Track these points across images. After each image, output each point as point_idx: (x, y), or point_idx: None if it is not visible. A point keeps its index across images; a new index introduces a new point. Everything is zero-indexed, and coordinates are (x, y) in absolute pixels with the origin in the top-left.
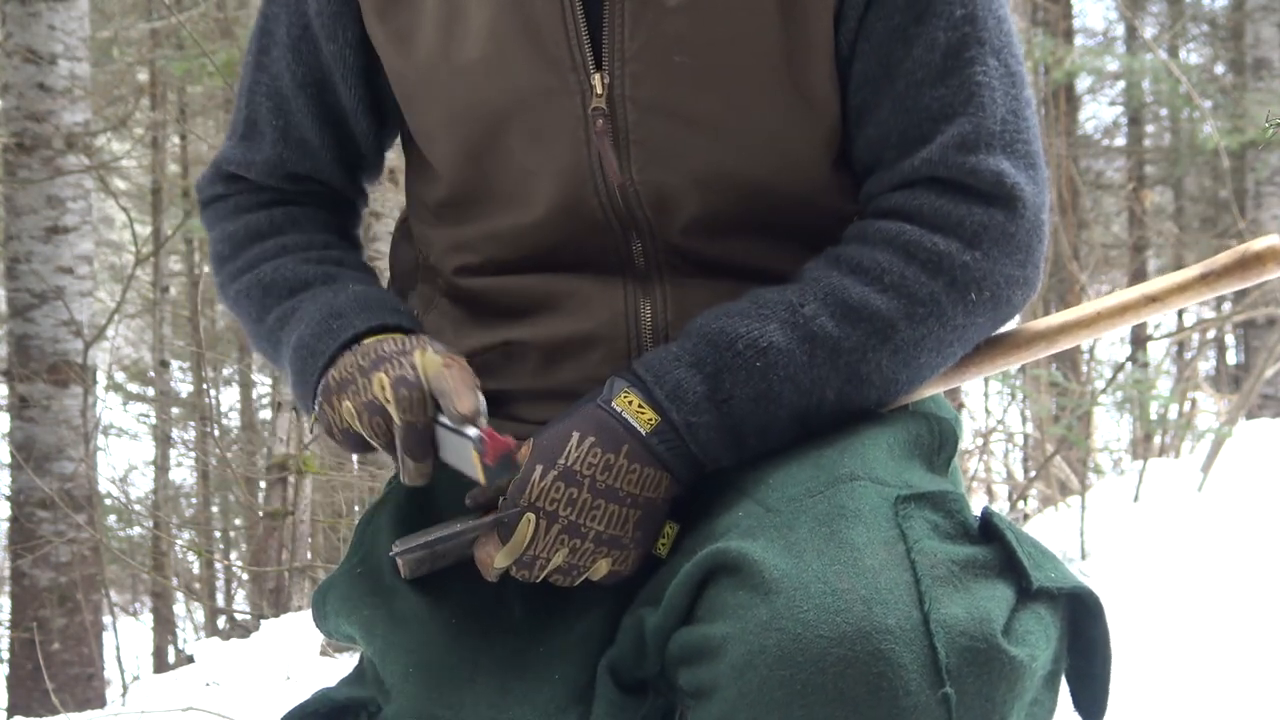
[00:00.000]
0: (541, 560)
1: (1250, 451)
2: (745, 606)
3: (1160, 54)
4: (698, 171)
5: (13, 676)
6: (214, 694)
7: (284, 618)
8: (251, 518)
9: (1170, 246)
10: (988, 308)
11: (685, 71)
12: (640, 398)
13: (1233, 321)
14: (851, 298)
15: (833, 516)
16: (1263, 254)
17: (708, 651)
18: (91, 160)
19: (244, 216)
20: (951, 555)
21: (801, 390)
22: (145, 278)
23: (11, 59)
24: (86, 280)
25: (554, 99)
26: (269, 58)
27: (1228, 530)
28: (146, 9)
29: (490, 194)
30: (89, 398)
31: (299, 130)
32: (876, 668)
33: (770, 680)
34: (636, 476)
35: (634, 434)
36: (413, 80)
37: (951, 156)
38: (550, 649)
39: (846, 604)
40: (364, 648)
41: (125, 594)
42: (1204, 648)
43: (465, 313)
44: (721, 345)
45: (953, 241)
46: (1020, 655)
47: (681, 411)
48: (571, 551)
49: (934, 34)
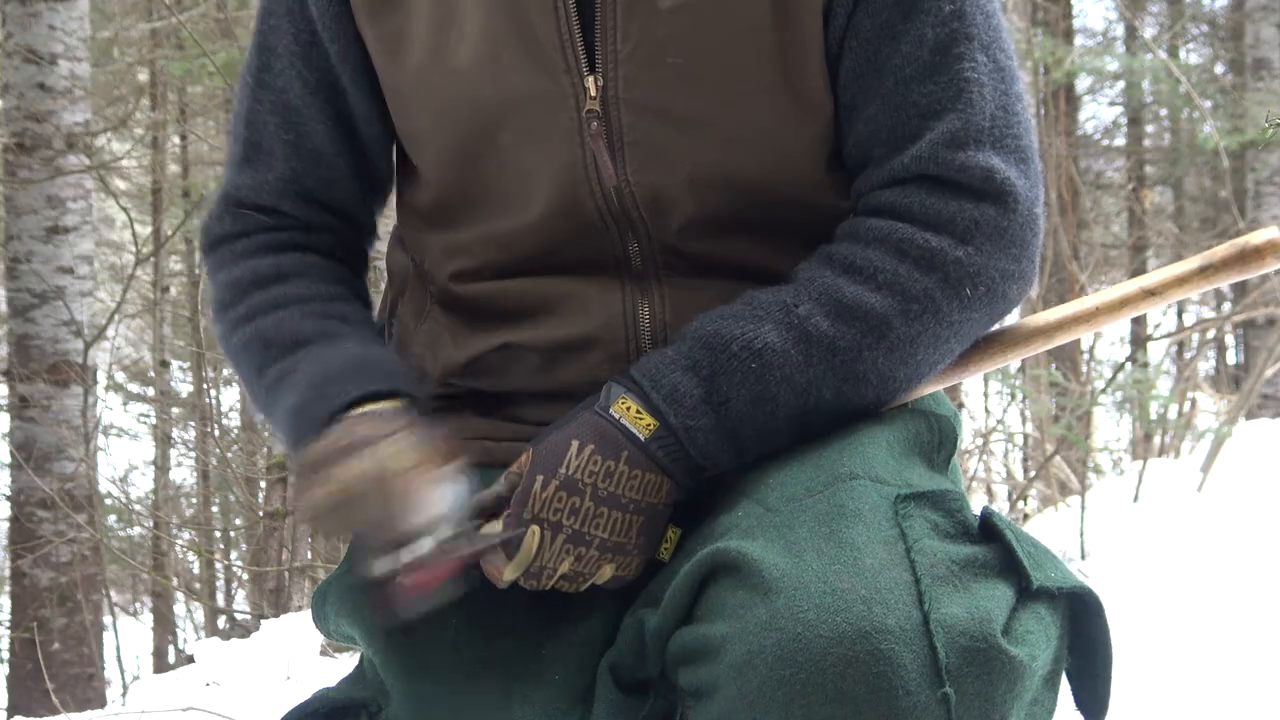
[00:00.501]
0: (549, 570)
1: (1250, 451)
2: (745, 606)
3: (1160, 54)
4: (692, 172)
5: (13, 676)
6: (214, 694)
7: (284, 618)
8: (251, 518)
9: (1170, 246)
10: (983, 303)
11: (678, 73)
12: (638, 403)
13: (1233, 321)
14: (845, 297)
15: (832, 516)
16: (1262, 247)
17: (707, 651)
18: (91, 160)
19: (250, 261)
20: (951, 555)
21: (798, 390)
22: (145, 278)
23: (11, 59)
24: (87, 280)
25: (548, 102)
26: (271, 74)
27: (1228, 530)
28: (146, 9)
29: (484, 197)
30: (89, 398)
31: (311, 140)
32: (876, 668)
33: (770, 680)
34: (638, 482)
35: (633, 440)
36: (404, 84)
37: (941, 153)
38: (551, 651)
39: (846, 604)
40: (365, 648)
41: (125, 594)
42: (1204, 647)
43: (462, 319)
44: (717, 348)
45: (945, 238)
46: (1020, 655)
47: (679, 415)
48: (577, 560)
49: (922, 30)
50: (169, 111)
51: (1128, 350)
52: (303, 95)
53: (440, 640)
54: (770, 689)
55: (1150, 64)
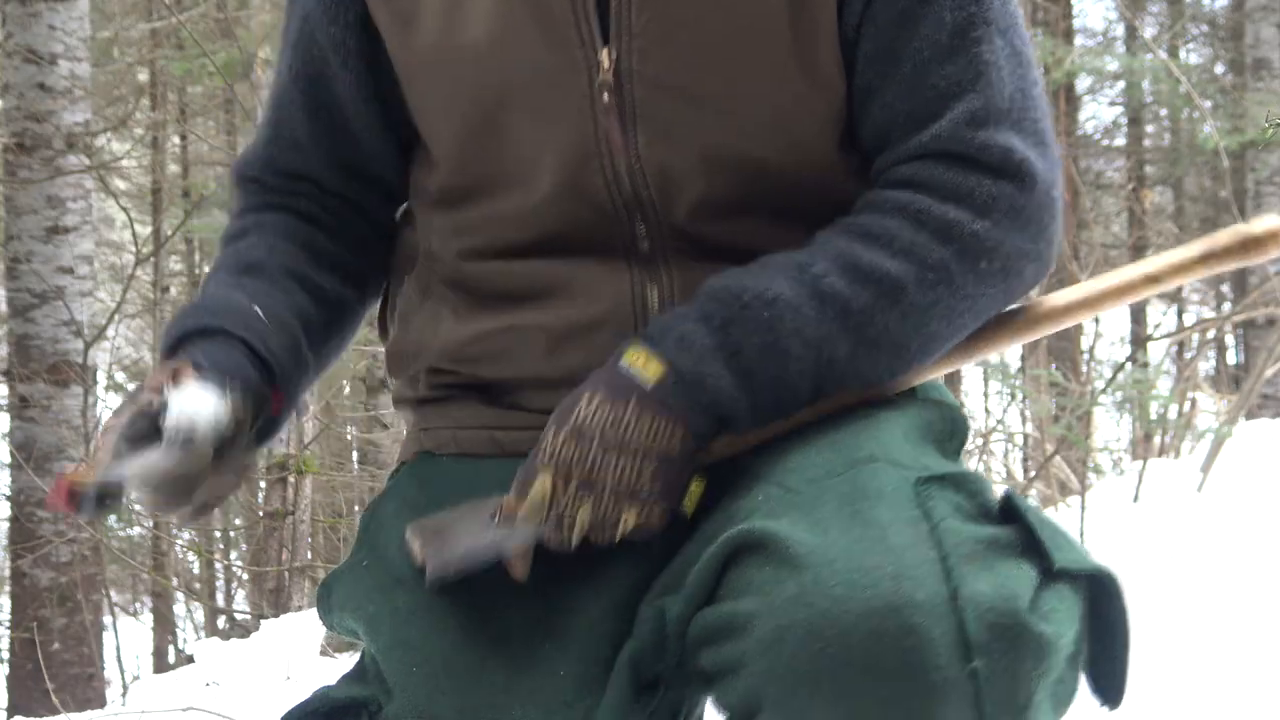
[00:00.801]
0: (568, 519)
1: (1250, 451)
2: (773, 582)
3: (1160, 54)
4: (703, 150)
5: (13, 676)
6: (214, 694)
7: (284, 618)
8: (251, 518)
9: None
10: (998, 279)
11: (692, 48)
12: (648, 351)
13: (1233, 321)
14: (862, 260)
15: (855, 496)
16: (1262, 236)
17: (734, 628)
18: (91, 160)
19: (231, 223)
20: (975, 534)
21: (810, 345)
22: (145, 278)
23: (11, 59)
24: (87, 280)
25: (560, 76)
26: (282, 60)
27: (1228, 530)
28: (146, 9)
29: (493, 177)
30: (89, 398)
31: (288, 125)
32: (907, 642)
33: (800, 654)
34: (646, 428)
35: (639, 386)
36: (415, 62)
37: (961, 131)
38: (556, 644)
39: (874, 579)
40: (367, 644)
41: (125, 594)
42: (1204, 647)
43: (467, 298)
44: (727, 299)
45: (963, 211)
46: (1048, 631)
47: (688, 361)
48: (595, 506)
49: (940, 14)
50: (169, 111)
51: (1128, 350)
52: (287, 81)
53: (444, 636)
54: (800, 663)
55: (1150, 64)
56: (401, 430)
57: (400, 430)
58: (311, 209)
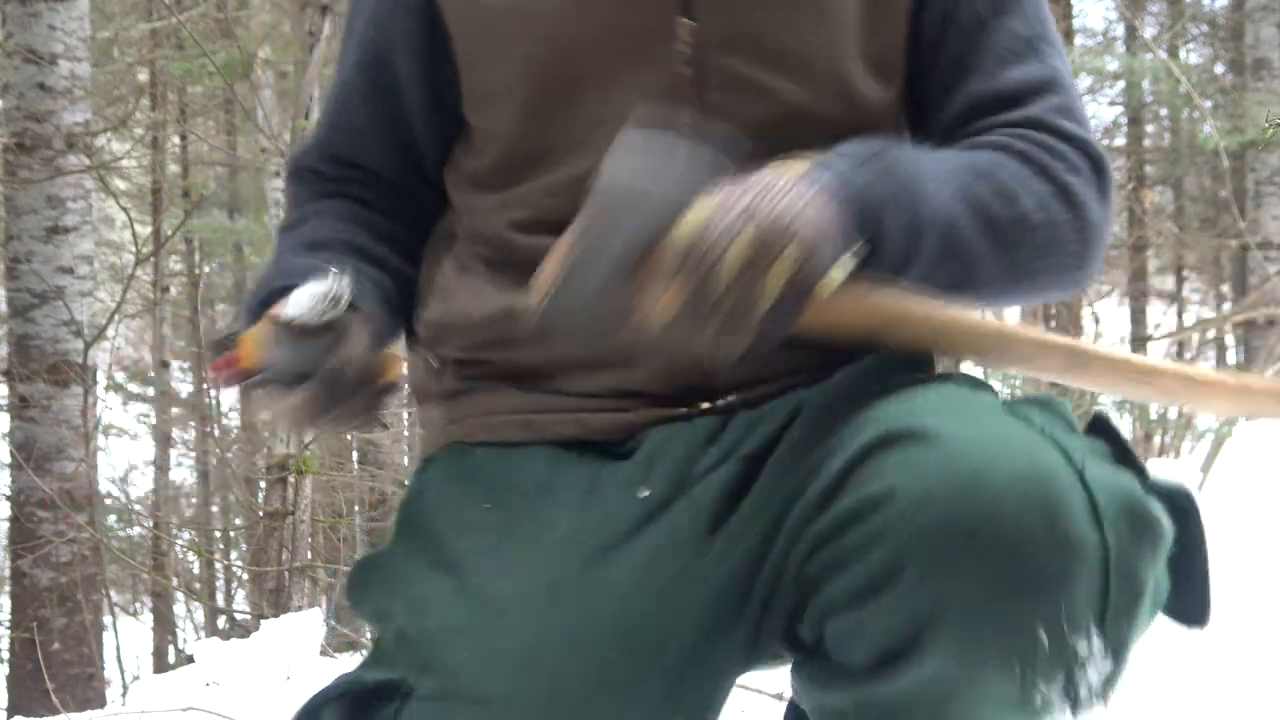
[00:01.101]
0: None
1: (1250, 451)
2: (912, 456)
3: (1160, 54)
4: (770, 119)
5: (13, 676)
6: (214, 694)
7: (284, 618)
8: (251, 518)
9: (1170, 246)
10: (1075, 243)
11: (767, 15)
12: (788, 160)
13: (1233, 321)
14: (1006, 188)
15: (965, 408)
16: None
17: (869, 509)
18: (91, 160)
19: (289, 214)
20: (1079, 441)
21: (946, 232)
22: (145, 278)
23: (11, 59)
24: (87, 280)
25: (634, 38)
26: (346, 58)
27: (1228, 530)
28: (146, 9)
29: (550, 149)
30: (89, 398)
31: (346, 113)
32: (1051, 505)
33: (945, 518)
34: (795, 195)
35: (784, 174)
36: (481, 32)
37: (1052, 117)
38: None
39: (1011, 454)
40: (404, 625)
41: (125, 594)
42: (1204, 647)
43: (509, 273)
44: (866, 155)
45: (1073, 178)
46: (1164, 521)
47: (837, 166)
48: (755, 239)
49: (1014, 25)
50: (169, 111)
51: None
52: (352, 69)
53: (529, 624)
54: (945, 527)
55: (1150, 64)
56: (402, 430)
57: (400, 430)
58: (366, 194)
